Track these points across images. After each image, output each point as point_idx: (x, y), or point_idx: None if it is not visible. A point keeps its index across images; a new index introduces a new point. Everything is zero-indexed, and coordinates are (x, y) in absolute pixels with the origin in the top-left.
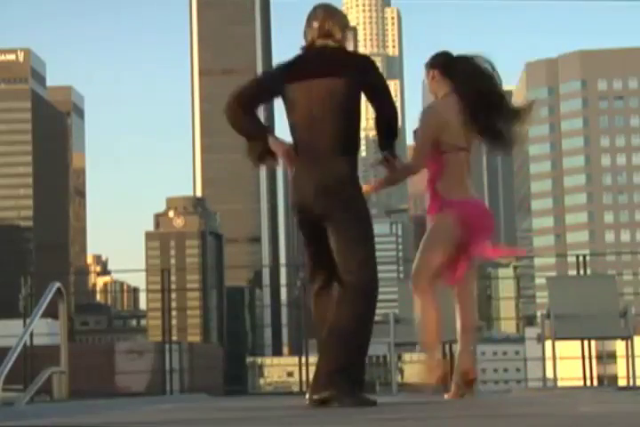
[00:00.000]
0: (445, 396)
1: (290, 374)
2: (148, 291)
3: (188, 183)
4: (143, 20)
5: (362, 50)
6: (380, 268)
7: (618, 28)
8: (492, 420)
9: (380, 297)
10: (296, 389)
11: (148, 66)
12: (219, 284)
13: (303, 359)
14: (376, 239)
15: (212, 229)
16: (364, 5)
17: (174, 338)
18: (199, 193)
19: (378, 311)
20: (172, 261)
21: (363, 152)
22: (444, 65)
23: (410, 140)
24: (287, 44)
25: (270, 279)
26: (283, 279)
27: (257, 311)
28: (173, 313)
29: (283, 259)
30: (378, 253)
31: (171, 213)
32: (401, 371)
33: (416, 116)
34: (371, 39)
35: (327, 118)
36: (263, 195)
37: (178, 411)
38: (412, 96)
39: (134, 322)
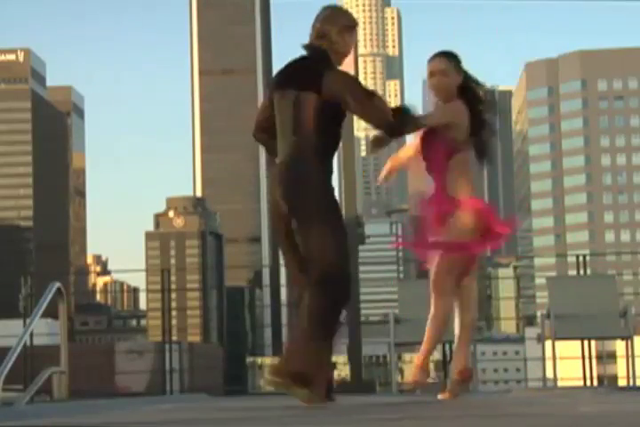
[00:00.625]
0: (439, 396)
1: None
2: (148, 291)
3: (188, 183)
4: (143, 20)
5: (362, 50)
6: (379, 268)
7: (618, 28)
8: (492, 420)
9: (380, 297)
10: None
11: (148, 66)
12: (219, 284)
13: None
14: (376, 239)
15: (212, 229)
16: (363, 5)
17: (174, 338)
18: (199, 193)
19: (378, 311)
20: (172, 261)
21: (362, 152)
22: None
23: (410, 140)
24: (287, 44)
25: (270, 279)
26: (283, 279)
27: (257, 311)
28: (173, 313)
29: (282, 259)
30: (378, 254)
31: (171, 213)
32: (401, 371)
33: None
34: (371, 39)
35: (288, 126)
36: (263, 195)
37: (178, 411)
38: (412, 96)
39: (134, 322)
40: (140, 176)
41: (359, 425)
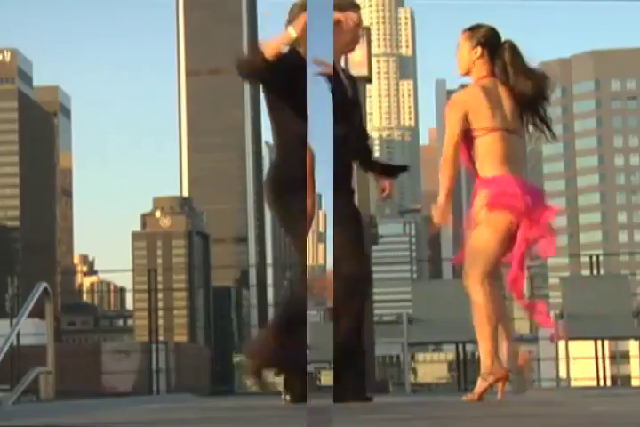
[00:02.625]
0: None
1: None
2: (134, 291)
3: (174, 183)
4: (129, 20)
5: (375, 50)
6: (393, 268)
7: (631, 28)
8: (505, 420)
9: (394, 297)
10: (282, 389)
11: (135, 65)
12: (205, 284)
13: None
14: (389, 239)
15: (199, 229)
16: (377, 5)
17: (161, 338)
18: (186, 193)
19: (391, 311)
20: (159, 260)
21: (376, 152)
22: (494, 47)
23: (423, 140)
24: None
25: (257, 279)
26: (269, 279)
27: (243, 311)
28: (160, 313)
29: (269, 259)
30: (391, 254)
31: (157, 213)
32: (414, 371)
33: (430, 117)
34: (384, 39)
35: None
36: (250, 195)
37: (164, 411)
38: (426, 96)
39: (121, 322)
40: (127, 176)
41: (359, 425)
